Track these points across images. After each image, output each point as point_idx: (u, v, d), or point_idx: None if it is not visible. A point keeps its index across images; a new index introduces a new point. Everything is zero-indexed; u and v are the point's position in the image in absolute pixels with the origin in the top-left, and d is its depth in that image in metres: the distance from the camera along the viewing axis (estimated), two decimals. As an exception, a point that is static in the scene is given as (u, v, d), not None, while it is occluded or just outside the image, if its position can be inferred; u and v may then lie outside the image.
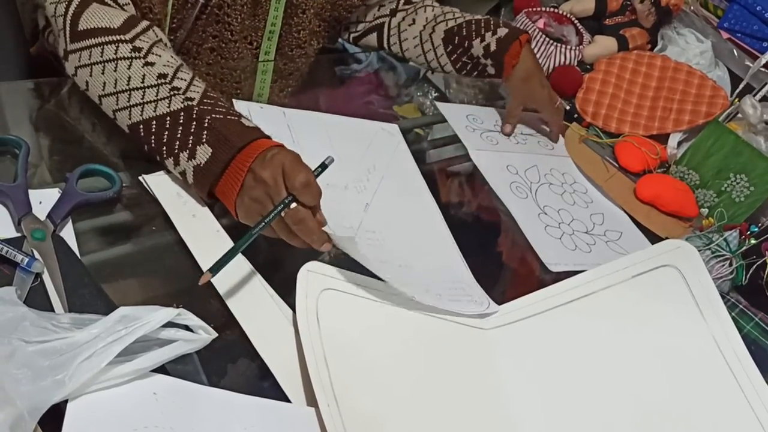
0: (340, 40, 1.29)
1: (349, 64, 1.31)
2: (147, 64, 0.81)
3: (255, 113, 0.94)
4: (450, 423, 0.71)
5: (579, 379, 0.77)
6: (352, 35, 1.23)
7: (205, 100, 0.80)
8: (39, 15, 1.11)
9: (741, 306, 0.91)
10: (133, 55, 0.81)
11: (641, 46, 1.37)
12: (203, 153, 0.77)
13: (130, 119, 0.81)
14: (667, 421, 0.76)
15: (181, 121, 0.78)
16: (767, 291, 0.94)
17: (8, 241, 0.70)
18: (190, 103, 0.79)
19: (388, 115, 1.19)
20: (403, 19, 1.18)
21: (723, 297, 0.85)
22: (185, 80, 0.81)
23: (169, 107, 0.79)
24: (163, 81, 0.80)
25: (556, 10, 1.39)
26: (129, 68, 0.81)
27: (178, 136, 0.78)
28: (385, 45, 1.22)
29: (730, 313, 0.83)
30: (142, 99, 0.80)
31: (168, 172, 0.83)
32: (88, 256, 0.75)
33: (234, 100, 0.95)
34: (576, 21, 1.37)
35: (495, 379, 0.75)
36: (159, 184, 0.82)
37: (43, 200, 0.77)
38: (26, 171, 0.79)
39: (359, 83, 1.28)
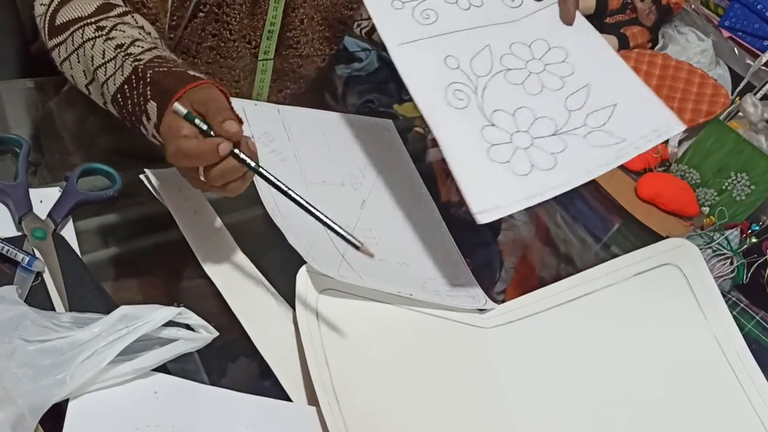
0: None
1: (349, 63, 1.30)
2: (108, 39, 0.79)
3: (249, 111, 0.94)
4: (450, 421, 0.71)
5: (580, 377, 0.77)
6: (363, 30, 1.22)
7: (154, 60, 0.76)
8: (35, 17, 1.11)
9: (742, 305, 0.91)
10: (96, 35, 0.80)
11: (642, 44, 1.37)
12: (152, 110, 0.73)
13: (107, 101, 0.79)
14: (668, 419, 0.76)
15: (134, 84, 0.75)
16: (768, 289, 0.94)
17: (9, 240, 0.70)
18: (137, 63, 0.75)
19: (388, 114, 1.19)
20: None
21: (724, 296, 0.85)
22: (142, 47, 0.78)
23: (123, 74, 0.76)
24: (119, 51, 0.78)
25: (556, 9, 1.39)
26: (93, 48, 0.79)
27: (135, 100, 0.75)
28: None
29: (731, 312, 0.83)
30: (105, 75, 0.78)
31: (169, 165, 0.83)
32: (88, 254, 0.74)
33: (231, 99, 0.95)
34: (577, 19, 1.37)
35: (495, 377, 0.75)
36: (161, 179, 0.82)
37: (44, 199, 0.77)
38: (27, 170, 0.79)
39: (359, 82, 1.27)
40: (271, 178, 0.68)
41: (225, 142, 0.65)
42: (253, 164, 0.67)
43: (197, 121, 0.66)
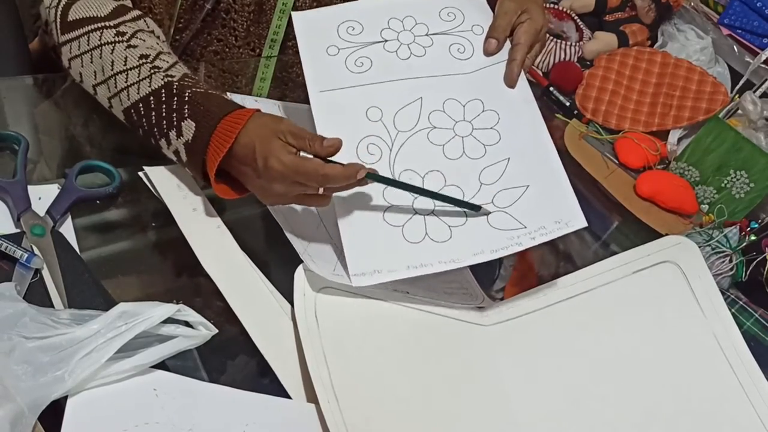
0: None
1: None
2: (130, 46, 0.80)
3: (250, 106, 0.94)
4: (450, 418, 0.71)
5: (579, 375, 0.77)
6: None
7: (186, 78, 0.79)
8: (41, 9, 1.11)
9: (741, 302, 0.91)
10: (116, 39, 0.81)
11: (641, 42, 1.37)
12: (188, 128, 0.76)
13: (121, 106, 0.81)
14: (666, 416, 0.76)
15: (164, 98, 0.77)
16: (767, 287, 0.94)
17: (7, 237, 0.70)
18: (170, 79, 0.78)
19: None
20: None
21: (723, 293, 0.85)
22: (167, 62, 0.81)
23: (150, 86, 0.78)
24: (144, 61, 0.80)
25: (556, 7, 1.39)
26: (112, 53, 0.80)
27: (163, 114, 0.77)
28: None
29: (730, 310, 0.83)
30: (126, 82, 0.79)
31: (168, 162, 0.83)
32: (87, 252, 0.74)
33: (228, 94, 0.95)
34: (576, 17, 1.37)
35: (494, 375, 0.75)
36: (159, 177, 0.82)
37: (43, 196, 0.77)
38: (25, 167, 0.79)
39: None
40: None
41: (363, 168, 0.70)
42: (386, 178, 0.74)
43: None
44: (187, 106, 0.76)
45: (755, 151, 1.06)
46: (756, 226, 0.99)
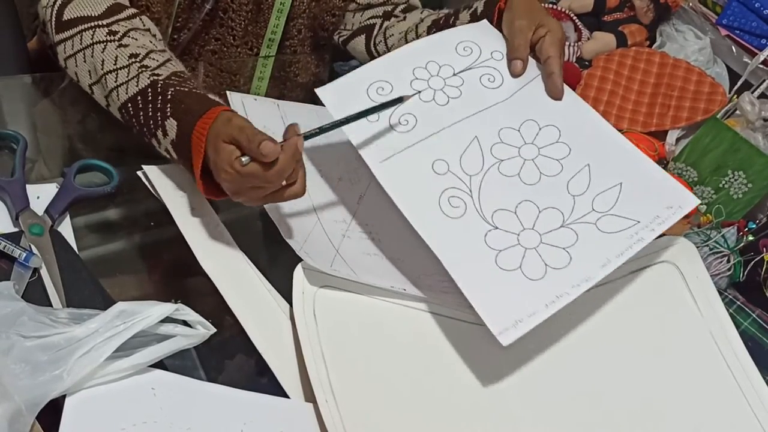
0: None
1: (347, 61, 1.30)
2: (121, 45, 0.80)
3: (249, 105, 0.94)
4: (448, 417, 0.71)
5: (576, 375, 0.77)
6: (341, 38, 1.20)
7: (172, 78, 0.78)
8: (39, 9, 1.11)
9: (738, 302, 0.92)
10: (108, 39, 0.81)
11: (640, 42, 1.37)
12: (171, 127, 0.75)
13: (116, 105, 0.80)
14: (663, 416, 0.76)
15: (150, 98, 0.77)
16: (765, 288, 0.94)
17: (6, 236, 0.70)
18: (155, 78, 0.77)
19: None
20: (396, 23, 1.13)
21: (721, 293, 0.85)
22: (157, 60, 0.80)
23: (137, 85, 0.78)
24: (133, 60, 0.79)
25: (554, 7, 1.39)
26: (103, 51, 0.80)
27: (150, 114, 0.77)
28: (372, 46, 1.15)
29: (727, 310, 0.83)
30: (116, 82, 0.79)
31: (167, 162, 0.83)
32: (85, 251, 0.74)
33: (228, 92, 0.95)
34: (575, 17, 1.37)
35: (492, 374, 0.75)
36: (158, 176, 0.82)
37: (41, 195, 0.77)
38: (24, 166, 0.79)
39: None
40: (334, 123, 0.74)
41: (298, 137, 0.69)
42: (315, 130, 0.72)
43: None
44: (169, 105, 0.75)
45: (753, 152, 1.06)
46: (754, 226, 0.99)
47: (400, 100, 0.80)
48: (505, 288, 0.72)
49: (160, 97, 0.76)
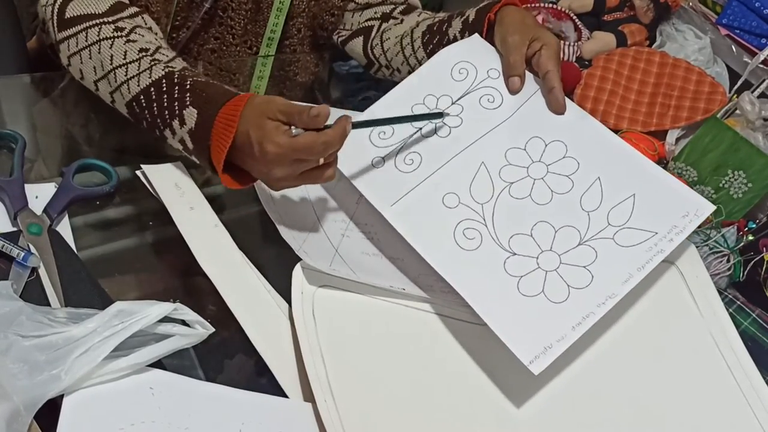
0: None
1: (346, 60, 1.30)
2: (129, 41, 0.81)
3: None
4: (446, 416, 0.71)
5: (575, 374, 0.77)
6: (339, 38, 1.20)
7: (186, 69, 0.80)
8: (38, 8, 1.11)
9: (738, 302, 0.91)
10: (115, 35, 0.81)
11: (639, 42, 1.37)
12: (191, 116, 0.76)
13: (123, 100, 0.81)
14: (663, 417, 0.76)
15: (164, 88, 0.78)
16: (765, 287, 0.94)
17: (4, 236, 0.70)
18: (170, 69, 0.79)
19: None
20: (393, 26, 1.12)
21: (720, 293, 0.85)
22: (167, 55, 0.81)
23: (150, 77, 0.79)
24: (144, 54, 0.80)
25: (554, 6, 1.39)
26: (111, 47, 0.81)
27: (165, 104, 0.78)
28: (369, 49, 1.14)
29: (727, 310, 0.83)
30: (126, 75, 0.80)
31: (166, 161, 0.83)
32: (84, 250, 0.74)
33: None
34: (574, 17, 1.37)
35: (490, 373, 0.75)
36: (157, 175, 0.82)
37: (40, 195, 0.77)
38: (22, 165, 0.79)
39: (357, 79, 1.27)
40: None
41: (347, 118, 0.72)
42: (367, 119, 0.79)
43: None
44: (189, 94, 0.76)
45: (753, 152, 1.05)
46: (754, 226, 0.99)
47: (440, 115, 0.83)
48: (531, 315, 0.72)
49: (177, 87, 0.77)
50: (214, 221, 0.80)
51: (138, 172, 0.83)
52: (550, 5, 1.39)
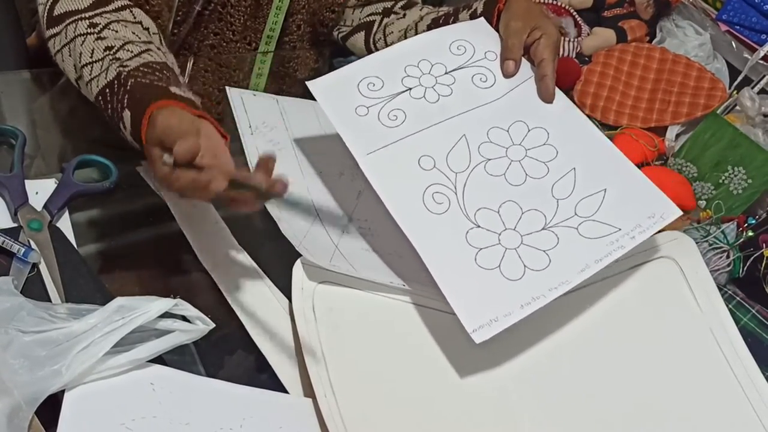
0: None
1: (346, 57, 1.30)
2: (99, 38, 0.79)
3: (248, 100, 0.94)
4: (447, 413, 0.71)
5: (575, 371, 0.77)
6: (340, 35, 1.20)
7: (140, 68, 0.75)
8: (37, 5, 1.10)
9: (738, 298, 0.91)
10: (88, 31, 0.80)
11: (640, 38, 1.37)
12: (127, 119, 0.73)
13: (91, 99, 0.79)
14: (663, 413, 0.76)
15: (115, 89, 0.75)
16: (764, 283, 0.94)
17: (5, 232, 0.70)
18: (122, 69, 0.75)
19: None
20: (395, 20, 1.12)
21: (720, 289, 0.85)
22: (132, 52, 0.78)
23: (106, 78, 0.76)
24: (108, 53, 0.78)
25: (554, 2, 1.39)
26: (82, 44, 0.79)
27: (114, 105, 0.75)
28: (371, 43, 1.14)
29: (727, 306, 0.83)
30: (90, 75, 0.78)
31: None
32: (84, 246, 0.75)
33: (227, 88, 0.95)
34: (574, 13, 1.37)
35: (492, 370, 0.75)
36: None
37: (40, 191, 0.77)
38: (23, 161, 0.79)
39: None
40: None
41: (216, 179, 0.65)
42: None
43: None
44: (126, 96, 0.73)
45: (753, 147, 1.05)
46: (754, 222, 0.99)
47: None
48: (483, 286, 0.72)
49: (121, 89, 0.74)
50: (215, 217, 0.80)
51: (138, 168, 0.83)
52: (551, 1, 1.39)
